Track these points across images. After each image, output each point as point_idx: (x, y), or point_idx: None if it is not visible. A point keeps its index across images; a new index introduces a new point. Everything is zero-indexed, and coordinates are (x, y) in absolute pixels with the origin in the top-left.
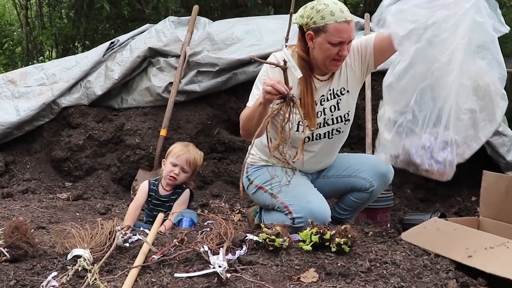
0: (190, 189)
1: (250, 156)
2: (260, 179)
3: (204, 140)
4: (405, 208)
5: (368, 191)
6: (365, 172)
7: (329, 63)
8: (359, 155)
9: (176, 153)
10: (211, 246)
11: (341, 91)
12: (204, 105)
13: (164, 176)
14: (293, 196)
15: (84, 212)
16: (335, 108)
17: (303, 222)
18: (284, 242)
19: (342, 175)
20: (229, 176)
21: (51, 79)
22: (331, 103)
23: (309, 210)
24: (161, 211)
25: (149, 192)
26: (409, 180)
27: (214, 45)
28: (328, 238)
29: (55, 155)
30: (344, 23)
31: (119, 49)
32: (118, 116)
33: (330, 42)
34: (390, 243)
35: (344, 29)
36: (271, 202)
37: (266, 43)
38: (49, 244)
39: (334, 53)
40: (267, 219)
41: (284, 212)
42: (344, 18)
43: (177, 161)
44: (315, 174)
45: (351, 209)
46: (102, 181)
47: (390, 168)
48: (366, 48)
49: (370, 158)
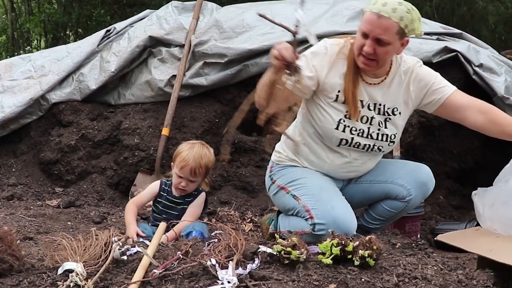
0: (206, 192)
1: (277, 154)
2: (283, 179)
3: (211, 140)
4: (437, 216)
5: (405, 200)
6: (403, 178)
7: (357, 56)
8: (396, 160)
9: (179, 163)
10: (219, 259)
11: (394, 111)
12: (211, 100)
13: (174, 187)
14: (317, 200)
15: (76, 221)
16: (382, 124)
17: (324, 229)
18: (302, 254)
19: (376, 180)
20: (239, 181)
21: (40, 72)
22: (379, 118)
23: (333, 217)
24: (172, 214)
25: (160, 192)
26: (442, 185)
27: (223, 34)
28: (351, 250)
29: (44, 157)
30: (374, 15)
31: (116, 37)
32: (114, 113)
33: (359, 30)
34: (420, 256)
35: (372, 20)
36: (292, 205)
37: (280, 32)
38: (37, 257)
39: (358, 45)
40: (283, 226)
41: (304, 217)
42: (378, 10)
43: (181, 173)
44: (345, 181)
45: (382, 219)
46: (97, 186)
47: (431, 177)
48: (433, 95)
49: (409, 164)
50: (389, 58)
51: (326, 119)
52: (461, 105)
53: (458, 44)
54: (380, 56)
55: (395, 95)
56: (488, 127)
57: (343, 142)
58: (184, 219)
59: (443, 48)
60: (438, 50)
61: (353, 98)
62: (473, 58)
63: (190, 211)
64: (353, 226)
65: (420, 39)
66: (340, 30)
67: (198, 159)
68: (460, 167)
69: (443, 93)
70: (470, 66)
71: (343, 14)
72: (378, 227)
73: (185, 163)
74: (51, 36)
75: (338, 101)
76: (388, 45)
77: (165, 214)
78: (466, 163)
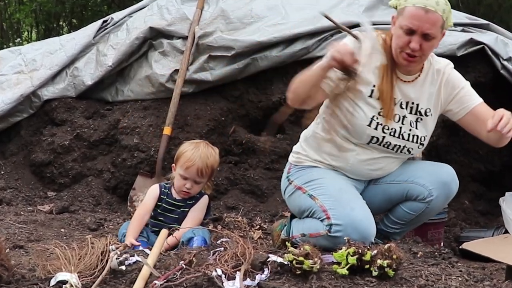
0: (209, 196)
1: (295, 155)
2: (301, 179)
3: (217, 140)
4: (462, 223)
5: (425, 200)
6: (424, 178)
7: (399, 54)
8: (418, 161)
9: (184, 163)
10: (225, 269)
11: (426, 112)
12: (217, 97)
13: (176, 190)
14: (335, 200)
15: (70, 228)
16: (414, 125)
17: (341, 231)
18: (315, 264)
19: (396, 180)
20: (247, 184)
21: (31, 66)
22: (411, 118)
23: (351, 219)
24: (171, 218)
25: (160, 196)
26: (467, 189)
27: (229, 24)
28: (368, 259)
29: (35, 159)
30: (421, 10)
31: (114, 29)
32: (112, 111)
33: (401, 27)
34: (444, 266)
35: (419, 16)
36: (308, 205)
37: (293, 22)
38: (28, 267)
39: (403, 42)
40: (297, 229)
41: (320, 217)
42: (423, 5)
43: (186, 174)
44: (366, 183)
45: (402, 223)
46: (93, 190)
47: (454, 177)
48: (460, 102)
49: (431, 164)
50: (431, 52)
51: (360, 114)
52: (485, 118)
53: (484, 36)
54: (425, 51)
55: (428, 94)
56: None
57: (374, 140)
58: (185, 224)
59: (469, 40)
60: (463, 43)
61: (390, 99)
62: (501, 51)
63: (192, 216)
64: (372, 230)
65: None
66: (356, 20)
67: (204, 158)
68: (486, 169)
69: (470, 102)
70: (498, 59)
71: (359, 4)
72: (398, 231)
73: (191, 163)
74: (43, 27)
75: (373, 97)
76: (434, 39)
77: (163, 217)
78: (493, 165)
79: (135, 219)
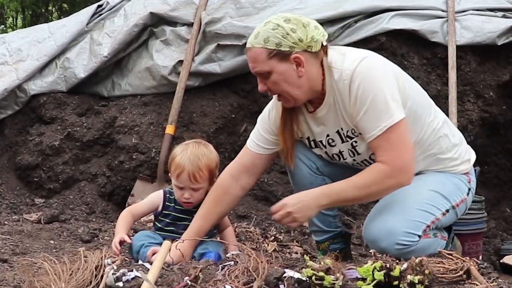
0: None
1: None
2: None
3: (226, 140)
4: (503, 233)
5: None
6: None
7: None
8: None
9: (174, 171)
10: (236, 286)
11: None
12: (226, 91)
13: (178, 200)
14: None
15: (61, 239)
16: (354, 152)
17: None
18: (337, 280)
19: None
20: (260, 190)
21: (16, 56)
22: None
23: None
24: (182, 226)
25: (166, 203)
26: (508, 195)
27: (240, 10)
28: (397, 275)
29: (21, 161)
30: (247, 51)
31: (109, 14)
32: (108, 107)
33: None
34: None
35: (248, 57)
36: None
37: (312, 7)
38: (13, 284)
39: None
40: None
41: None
42: (249, 44)
43: (179, 182)
44: None
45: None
46: (86, 197)
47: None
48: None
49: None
50: (294, 86)
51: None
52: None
53: None
54: (275, 90)
55: (344, 112)
56: None
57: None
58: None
59: (511, 27)
60: (504, 30)
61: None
62: None
63: (230, 230)
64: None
65: (482, 16)
66: (380, 5)
67: (195, 160)
68: None
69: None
70: None
71: None
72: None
73: (180, 170)
74: (29, 12)
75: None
76: (271, 74)
77: (174, 226)
78: None
79: (124, 215)
